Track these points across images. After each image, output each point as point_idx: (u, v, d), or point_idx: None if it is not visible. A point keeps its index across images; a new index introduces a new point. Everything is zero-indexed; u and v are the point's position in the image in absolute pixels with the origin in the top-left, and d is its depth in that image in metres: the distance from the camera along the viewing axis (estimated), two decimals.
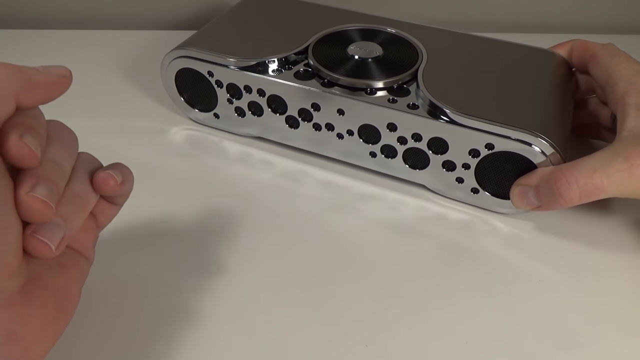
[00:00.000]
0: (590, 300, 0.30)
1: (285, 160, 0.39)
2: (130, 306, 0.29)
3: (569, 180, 0.29)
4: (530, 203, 0.32)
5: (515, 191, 0.32)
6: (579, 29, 0.62)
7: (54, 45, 0.53)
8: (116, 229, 0.32)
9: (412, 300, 0.30)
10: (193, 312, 0.28)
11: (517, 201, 0.32)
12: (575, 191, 0.29)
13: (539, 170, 0.31)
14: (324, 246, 0.33)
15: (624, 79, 0.33)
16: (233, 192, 0.36)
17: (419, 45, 0.38)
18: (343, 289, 0.30)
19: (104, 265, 0.30)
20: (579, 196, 0.29)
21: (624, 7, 0.62)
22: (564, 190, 0.29)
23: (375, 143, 0.35)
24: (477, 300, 0.30)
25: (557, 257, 0.33)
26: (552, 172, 0.30)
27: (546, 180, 0.30)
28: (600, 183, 0.29)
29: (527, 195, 0.31)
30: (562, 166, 0.30)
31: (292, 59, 0.37)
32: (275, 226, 0.34)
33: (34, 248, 0.20)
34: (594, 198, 0.29)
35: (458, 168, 0.34)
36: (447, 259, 0.32)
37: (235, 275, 0.31)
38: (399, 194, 0.37)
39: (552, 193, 0.30)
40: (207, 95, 0.39)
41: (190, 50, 0.38)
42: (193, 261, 0.31)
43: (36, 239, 0.20)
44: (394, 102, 0.34)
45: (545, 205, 0.31)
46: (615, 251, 0.33)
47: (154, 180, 0.37)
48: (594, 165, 0.29)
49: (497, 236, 0.34)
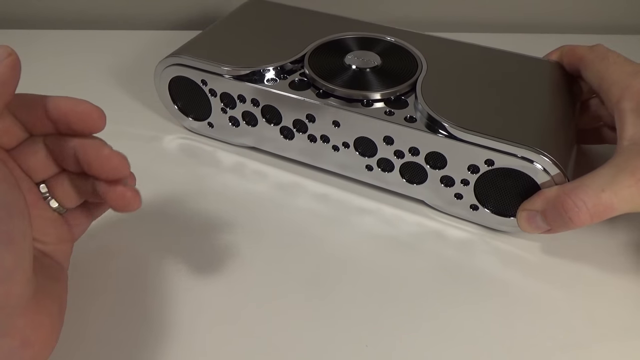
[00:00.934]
0: (594, 330, 0.29)
1: (280, 171, 0.38)
2: (124, 315, 0.28)
3: (577, 203, 0.28)
4: (539, 227, 0.30)
5: (523, 216, 0.31)
6: (579, 29, 0.62)
7: (54, 45, 0.52)
8: (109, 237, 0.32)
9: (407, 322, 0.29)
10: (186, 324, 0.28)
11: (526, 226, 0.31)
12: (585, 213, 0.28)
13: (543, 192, 0.30)
14: (318, 260, 0.32)
15: (616, 82, 0.31)
16: (226, 203, 0.35)
17: (418, 54, 0.37)
18: (339, 296, 0.30)
19: (98, 274, 0.30)
20: (590, 218, 0.28)
21: (623, 7, 0.61)
22: (573, 214, 0.28)
23: (371, 156, 0.34)
24: (476, 317, 0.29)
25: (560, 277, 0.31)
26: (558, 196, 0.29)
27: (553, 204, 0.29)
28: (609, 202, 0.27)
29: (535, 220, 0.30)
30: (567, 188, 0.29)
31: (288, 68, 0.36)
32: (269, 239, 0.33)
33: (129, 199, 0.23)
34: (606, 217, 0.28)
35: (457, 184, 0.32)
36: (444, 277, 0.31)
37: (229, 284, 0.30)
38: (396, 209, 0.35)
39: (561, 217, 0.28)
40: (200, 104, 0.38)
41: (184, 58, 0.37)
42: (185, 271, 0.31)
43: (131, 189, 0.23)
44: (391, 115, 0.32)
45: (555, 229, 0.30)
46: (625, 273, 0.32)
47: (147, 189, 0.35)
48: (600, 183, 0.28)
49: (498, 255, 0.33)
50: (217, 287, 0.30)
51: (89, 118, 0.23)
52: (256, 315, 0.29)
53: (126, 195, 0.23)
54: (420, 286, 0.31)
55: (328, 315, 0.29)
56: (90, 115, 0.23)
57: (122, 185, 0.23)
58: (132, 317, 0.28)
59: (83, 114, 0.23)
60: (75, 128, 0.23)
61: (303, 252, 0.32)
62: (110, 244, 0.32)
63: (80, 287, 0.29)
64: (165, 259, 0.31)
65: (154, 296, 0.29)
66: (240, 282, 0.30)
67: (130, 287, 0.30)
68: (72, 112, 0.23)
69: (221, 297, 0.29)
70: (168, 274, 0.30)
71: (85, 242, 0.31)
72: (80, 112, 0.23)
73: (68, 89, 0.44)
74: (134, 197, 0.23)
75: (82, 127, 0.23)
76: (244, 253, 0.32)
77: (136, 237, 0.33)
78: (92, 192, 0.24)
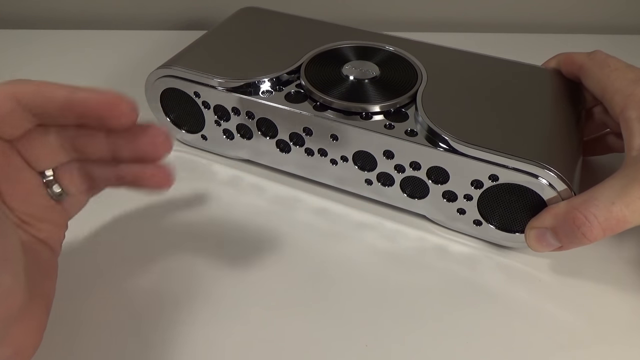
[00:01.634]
0: (605, 348, 0.28)
1: (278, 185, 0.37)
2: (124, 326, 0.28)
3: (589, 218, 0.27)
4: (550, 245, 0.29)
5: (532, 235, 0.29)
6: (579, 29, 0.61)
7: (54, 45, 0.52)
8: (103, 249, 0.32)
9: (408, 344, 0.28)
10: (182, 335, 0.27)
11: (536, 245, 0.30)
12: (597, 228, 0.26)
13: (551, 209, 0.29)
14: (317, 275, 0.31)
15: (619, 91, 0.30)
16: (222, 217, 0.34)
17: (418, 64, 0.36)
18: (338, 309, 0.29)
19: (95, 288, 0.30)
20: (603, 232, 0.27)
21: (623, 7, 0.61)
22: (585, 229, 0.27)
23: (371, 170, 0.33)
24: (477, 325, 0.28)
25: (567, 295, 0.30)
26: (568, 212, 0.27)
27: (563, 220, 0.28)
28: (621, 215, 0.26)
29: (546, 238, 0.29)
30: (576, 202, 0.27)
31: (283, 79, 0.35)
32: (267, 254, 0.32)
33: (168, 176, 0.23)
34: (619, 231, 0.27)
35: (460, 199, 0.31)
36: (446, 291, 0.30)
37: (226, 297, 0.30)
38: (396, 224, 0.34)
39: (574, 233, 0.27)
40: (194, 116, 0.37)
41: (176, 69, 0.35)
42: (180, 287, 0.30)
43: (166, 167, 0.23)
44: (391, 128, 0.31)
45: (567, 246, 0.29)
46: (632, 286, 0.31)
47: (139, 202, 0.35)
48: (610, 196, 0.26)
49: (502, 271, 0.32)
50: (213, 302, 0.29)
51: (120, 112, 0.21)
52: (255, 320, 0.28)
53: (165, 172, 0.23)
54: (420, 301, 0.30)
55: (328, 324, 0.28)
56: (120, 108, 0.21)
57: (156, 166, 0.23)
58: (131, 347, 0.27)
59: (113, 107, 0.21)
60: (105, 122, 0.22)
61: (302, 267, 0.31)
62: (104, 262, 0.31)
63: (76, 310, 0.28)
64: (160, 274, 0.30)
65: (143, 312, 0.28)
66: (238, 295, 0.30)
67: (126, 302, 0.29)
68: (101, 105, 0.21)
69: (217, 310, 0.29)
70: (162, 289, 0.30)
71: (81, 259, 0.31)
72: (109, 103, 0.21)
73: None
74: (170, 173, 0.24)
75: (113, 122, 0.22)
76: (241, 268, 0.31)
77: (132, 253, 0.32)
78: (114, 177, 0.24)
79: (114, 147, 0.23)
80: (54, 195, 0.24)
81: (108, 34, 0.54)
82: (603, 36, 0.58)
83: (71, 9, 0.57)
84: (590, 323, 0.29)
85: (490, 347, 0.28)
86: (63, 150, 0.24)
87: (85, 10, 0.57)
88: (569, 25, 0.62)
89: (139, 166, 0.23)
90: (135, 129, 0.23)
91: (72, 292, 0.29)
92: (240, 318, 0.28)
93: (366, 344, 0.27)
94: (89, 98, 0.21)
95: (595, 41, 0.55)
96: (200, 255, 0.32)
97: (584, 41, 0.58)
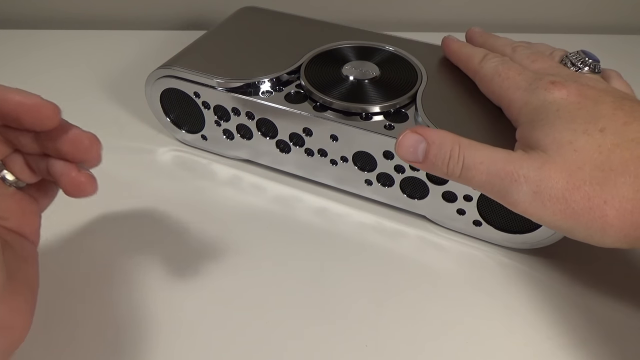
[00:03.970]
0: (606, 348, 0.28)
1: (278, 185, 0.37)
2: (123, 326, 0.28)
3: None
4: (413, 155, 0.26)
5: (407, 137, 0.26)
6: (579, 29, 0.61)
7: (54, 45, 0.52)
8: (101, 250, 0.32)
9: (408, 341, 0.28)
10: (185, 331, 0.27)
11: (402, 148, 0.26)
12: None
13: (442, 133, 0.26)
14: (317, 274, 0.31)
15: (513, 101, 0.29)
16: (222, 217, 0.34)
17: (418, 64, 0.36)
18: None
19: (91, 291, 0.29)
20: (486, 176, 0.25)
21: (623, 7, 0.60)
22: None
23: (371, 171, 0.33)
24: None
25: (567, 295, 0.30)
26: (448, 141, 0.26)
27: (439, 147, 0.25)
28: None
29: (416, 149, 0.26)
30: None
31: (283, 80, 0.35)
32: (267, 253, 0.32)
33: (84, 184, 0.23)
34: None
35: (459, 199, 0.31)
36: (446, 291, 0.30)
37: (227, 297, 0.30)
38: (397, 224, 0.34)
39: (444, 162, 0.25)
40: (194, 116, 0.37)
41: (176, 69, 0.35)
42: (181, 285, 0.30)
43: (85, 174, 0.23)
44: (391, 129, 0.31)
45: (425, 167, 0.26)
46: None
47: (140, 202, 0.35)
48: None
49: (502, 271, 0.32)
50: (214, 301, 0.29)
51: (41, 114, 0.21)
52: (255, 320, 0.28)
53: (80, 181, 0.23)
54: (421, 301, 0.30)
55: (328, 324, 0.28)
56: (41, 111, 0.21)
57: (76, 170, 0.23)
58: (132, 336, 0.27)
59: (34, 109, 0.21)
60: (26, 124, 0.22)
61: (302, 267, 0.31)
62: (102, 260, 0.31)
63: (71, 309, 0.28)
64: (161, 273, 0.30)
65: (148, 311, 0.28)
66: (239, 294, 0.30)
67: (125, 301, 0.29)
68: (23, 106, 0.21)
69: (218, 309, 0.29)
70: (163, 288, 0.30)
71: (76, 257, 0.31)
72: (32, 106, 0.21)
73: (65, 92, 0.43)
74: (90, 182, 0.23)
75: (34, 124, 0.22)
76: (243, 267, 0.31)
77: (131, 252, 0.32)
78: (46, 171, 0.24)
79: (41, 144, 0.23)
80: (11, 183, 0.24)
81: (108, 34, 0.54)
82: (603, 36, 0.58)
83: (71, 9, 0.57)
84: (590, 323, 0.29)
85: (491, 347, 0.28)
86: (3, 142, 0.24)
87: (85, 10, 0.57)
88: (569, 25, 0.61)
89: (64, 165, 0.23)
90: (58, 130, 0.22)
91: (72, 292, 0.29)
92: (240, 318, 0.28)
93: (366, 344, 0.27)
94: (10, 100, 0.21)
95: (596, 41, 0.55)
96: (200, 255, 0.32)
97: (584, 41, 0.57)
